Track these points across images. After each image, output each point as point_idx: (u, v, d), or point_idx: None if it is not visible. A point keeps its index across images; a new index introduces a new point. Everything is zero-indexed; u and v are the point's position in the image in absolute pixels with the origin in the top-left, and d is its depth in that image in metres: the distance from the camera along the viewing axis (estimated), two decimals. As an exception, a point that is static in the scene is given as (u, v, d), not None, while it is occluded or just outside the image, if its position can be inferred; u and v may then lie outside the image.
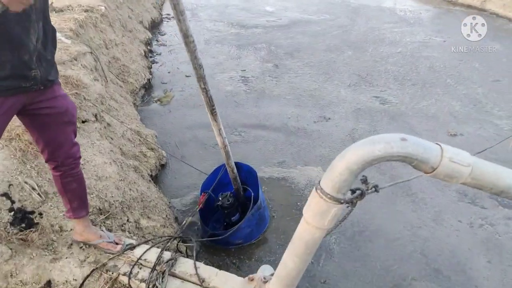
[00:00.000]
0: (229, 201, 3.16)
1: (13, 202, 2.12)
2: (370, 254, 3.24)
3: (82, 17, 5.28)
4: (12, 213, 2.10)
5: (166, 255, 2.13)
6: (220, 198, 3.20)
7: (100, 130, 3.39)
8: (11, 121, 1.68)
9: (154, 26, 9.53)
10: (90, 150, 2.88)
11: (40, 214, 2.22)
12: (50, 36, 1.69)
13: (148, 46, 7.79)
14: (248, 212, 3.15)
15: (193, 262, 2.10)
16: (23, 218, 2.11)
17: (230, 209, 3.20)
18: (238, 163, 3.35)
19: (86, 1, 6.17)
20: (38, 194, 2.30)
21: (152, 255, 2.14)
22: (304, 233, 1.00)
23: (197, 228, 3.51)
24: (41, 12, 1.59)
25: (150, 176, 3.78)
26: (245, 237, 3.25)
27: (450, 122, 5.20)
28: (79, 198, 2.06)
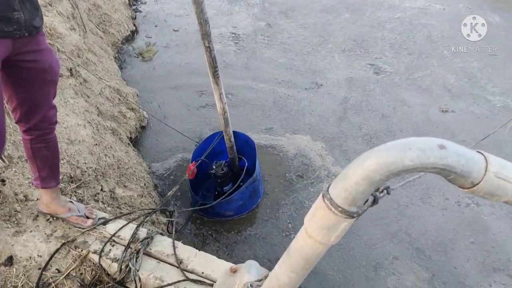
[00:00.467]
0: (223, 170, 3.04)
1: (-30, 167, 1.90)
2: (354, 232, 3.17)
3: (58, -44, 4.75)
4: (-31, 179, 1.88)
5: (142, 232, 1.97)
6: (214, 167, 3.07)
7: (75, 86, 3.10)
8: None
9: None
10: (62, 109, 2.62)
11: (2, 180, 2.00)
12: None
13: (132, -6, 7.23)
14: (239, 181, 3.04)
15: (171, 241, 1.95)
16: (-18, 185, 1.90)
17: (224, 178, 3.09)
18: (234, 132, 3.19)
19: None
20: (1, 158, 2.07)
21: (126, 231, 1.98)
22: (305, 247, 0.84)
23: (180, 195, 3.36)
24: None
25: (130, 139, 3.55)
26: (236, 209, 3.15)
27: (444, 96, 5.04)
28: (50, 167, 1.85)
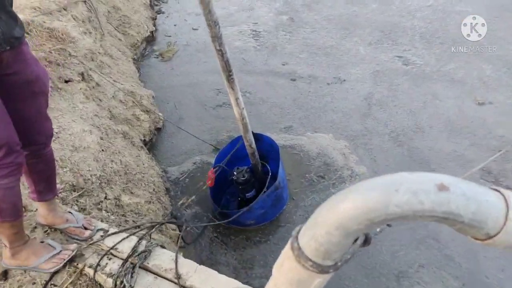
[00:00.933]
0: (244, 177, 2.87)
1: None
2: (374, 237, 2.95)
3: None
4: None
5: (142, 245, 1.87)
6: (235, 173, 2.91)
7: (85, 91, 3.05)
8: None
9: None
10: (68, 115, 2.57)
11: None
12: None
13: (153, -6, 7.21)
14: (263, 190, 2.84)
15: (170, 254, 1.84)
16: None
17: (245, 185, 2.92)
18: (258, 135, 3.02)
19: None
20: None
21: (126, 244, 1.88)
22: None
23: (198, 201, 3.23)
24: None
25: (144, 141, 3.49)
26: (257, 218, 2.98)
27: (479, 88, 4.66)
28: (46, 180, 1.78)
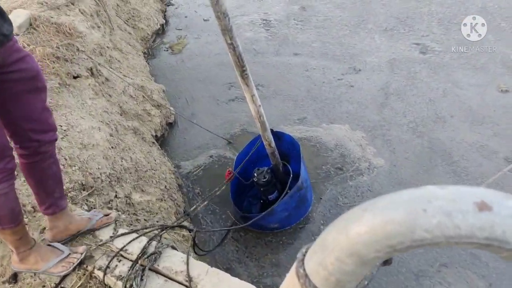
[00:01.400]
0: (265, 177, 2.72)
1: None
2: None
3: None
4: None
5: (152, 246, 1.82)
6: (255, 174, 2.75)
7: (95, 86, 3.01)
8: None
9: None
10: (77, 112, 2.52)
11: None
12: None
13: (163, -14, 7.13)
14: (285, 191, 2.70)
15: (181, 256, 1.78)
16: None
17: (267, 186, 2.77)
18: (278, 133, 2.88)
19: None
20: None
21: (136, 245, 1.83)
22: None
23: (219, 202, 3.13)
24: None
25: (155, 137, 3.44)
26: (281, 221, 2.84)
27: (503, 75, 4.44)
28: (60, 182, 1.72)
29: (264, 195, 2.86)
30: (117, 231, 1.91)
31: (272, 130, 2.55)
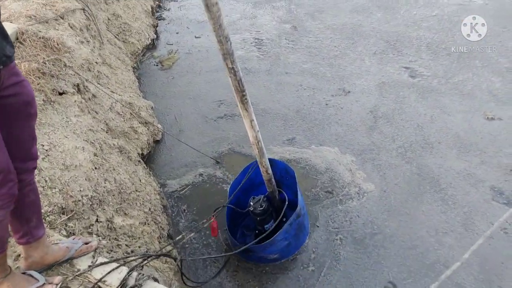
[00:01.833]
0: (262, 206, 2.62)
1: None
2: (381, 262, 2.81)
3: (75, -34, 4.68)
4: None
5: (132, 278, 1.74)
6: (251, 203, 2.65)
7: (80, 103, 2.94)
8: None
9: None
10: (60, 131, 2.45)
11: None
12: None
13: (156, 1, 7.14)
14: (279, 219, 2.63)
15: (162, 288, 1.71)
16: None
17: (264, 216, 2.66)
18: (271, 160, 2.79)
19: None
20: None
21: (115, 275, 1.75)
22: None
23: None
24: None
25: (141, 155, 3.37)
26: (281, 251, 2.74)
27: (489, 102, 4.51)
28: (38, 211, 1.66)
29: (260, 225, 2.75)
30: (96, 260, 1.83)
31: None
